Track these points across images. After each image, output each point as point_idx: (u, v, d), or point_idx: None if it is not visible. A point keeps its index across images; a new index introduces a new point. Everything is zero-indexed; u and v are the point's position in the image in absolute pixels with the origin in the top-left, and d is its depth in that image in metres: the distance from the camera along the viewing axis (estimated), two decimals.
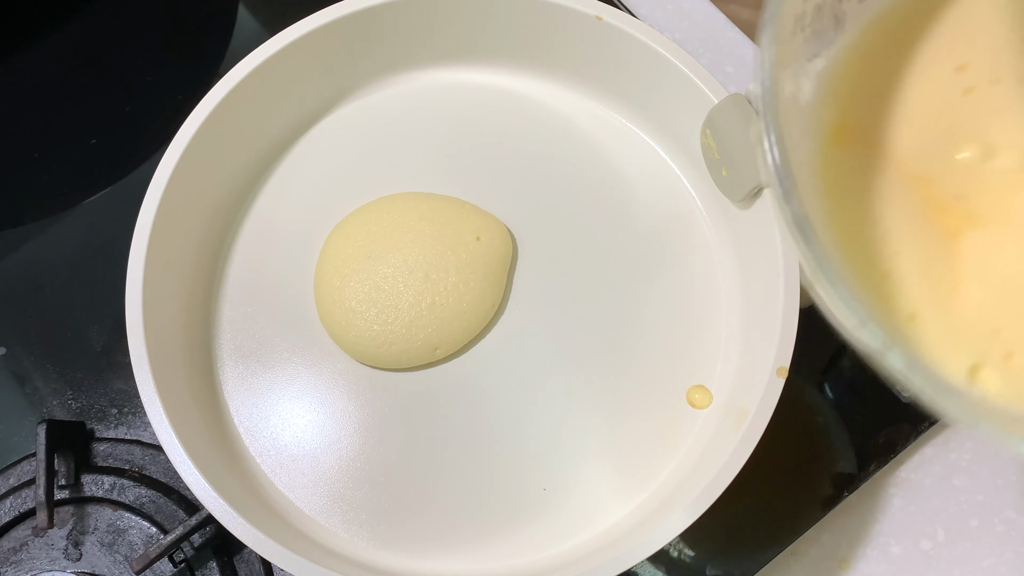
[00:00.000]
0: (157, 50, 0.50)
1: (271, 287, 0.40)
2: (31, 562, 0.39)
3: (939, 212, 0.24)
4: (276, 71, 0.40)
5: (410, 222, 0.39)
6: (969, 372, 0.23)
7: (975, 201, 0.24)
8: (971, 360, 0.23)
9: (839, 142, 0.24)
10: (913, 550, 0.40)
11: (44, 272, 0.45)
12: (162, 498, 0.39)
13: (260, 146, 0.42)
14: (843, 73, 0.24)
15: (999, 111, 0.25)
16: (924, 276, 0.24)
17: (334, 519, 0.37)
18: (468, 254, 0.39)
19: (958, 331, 0.23)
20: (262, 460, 0.38)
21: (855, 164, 0.24)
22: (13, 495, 0.40)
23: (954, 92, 0.25)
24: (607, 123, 0.43)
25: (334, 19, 0.39)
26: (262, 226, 0.42)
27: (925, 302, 0.23)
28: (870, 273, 0.23)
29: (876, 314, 0.23)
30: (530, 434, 0.38)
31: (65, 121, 0.49)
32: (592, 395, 0.38)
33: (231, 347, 0.40)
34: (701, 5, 0.50)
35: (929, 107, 0.25)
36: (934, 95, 0.25)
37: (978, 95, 0.25)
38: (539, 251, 0.41)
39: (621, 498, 0.37)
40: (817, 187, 0.24)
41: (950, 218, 0.24)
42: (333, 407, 0.39)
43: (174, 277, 0.38)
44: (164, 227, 0.37)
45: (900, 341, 0.23)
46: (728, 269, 0.40)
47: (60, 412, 0.42)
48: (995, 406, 0.22)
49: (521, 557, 0.36)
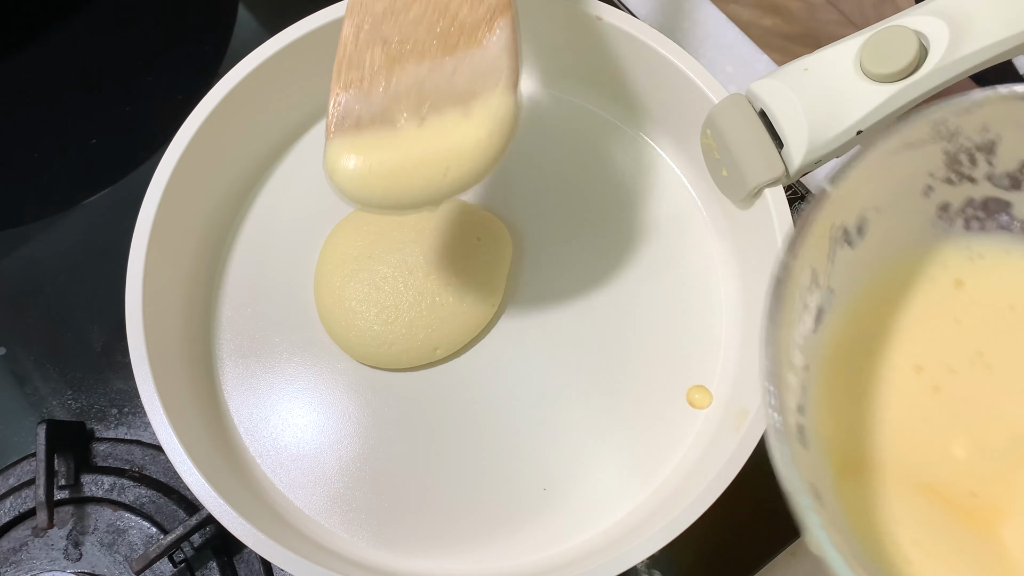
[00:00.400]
0: (157, 50, 0.50)
1: (271, 287, 0.40)
2: (31, 562, 0.39)
3: (964, 514, 0.24)
4: (276, 71, 0.40)
5: (410, 222, 0.39)
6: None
7: (991, 493, 0.24)
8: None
9: (847, 478, 0.25)
10: None
11: (44, 272, 0.45)
12: (162, 498, 0.39)
13: (260, 146, 0.42)
14: (822, 414, 0.25)
15: (968, 399, 0.25)
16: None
17: (334, 519, 0.37)
18: (468, 254, 0.39)
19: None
20: (262, 460, 0.38)
21: (868, 494, 0.25)
22: (13, 495, 0.40)
23: (924, 393, 0.25)
24: (607, 123, 0.43)
25: (334, 19, 0.39)
26: (262, 226, 0.42)
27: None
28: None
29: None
30: (530, 434, 0.38)
31: (65, 121, 0.49)
32: (592, 395, 0.38)
33: (231, 347, 0.40)
34: (701, 5, 0.50)
35: (910, 416, 0.25)
36: (909, 403, 0.25)
37: (945, 391, 0.25)
38: (539, 251, 0.41)
39: (621, 498, 0.37)
40: (843, 518, 0.24)
41: (978, 516, 0.24)
42: (333, 407, 0.39)
43: (174, 277, 0.38)
44: (164, 227, 0.37)
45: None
46: (728, 269, 0.40)
47: (60, 412, 0.42)
48: None
49: (521, 557, 0.36)
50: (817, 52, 0.33)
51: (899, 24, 0.31)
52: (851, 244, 0.25)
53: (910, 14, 0.31)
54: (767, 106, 0.32)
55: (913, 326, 0.26)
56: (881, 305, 0.26)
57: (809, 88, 0.32)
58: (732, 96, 0.34)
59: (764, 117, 0.33)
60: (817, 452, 0.24)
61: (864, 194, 0.24)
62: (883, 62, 0.30)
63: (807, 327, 0.24)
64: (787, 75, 0.32)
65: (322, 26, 0.39)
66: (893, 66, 0.30)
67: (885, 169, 0.24)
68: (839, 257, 0.25)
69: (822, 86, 0.32)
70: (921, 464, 0.25)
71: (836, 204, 0.23)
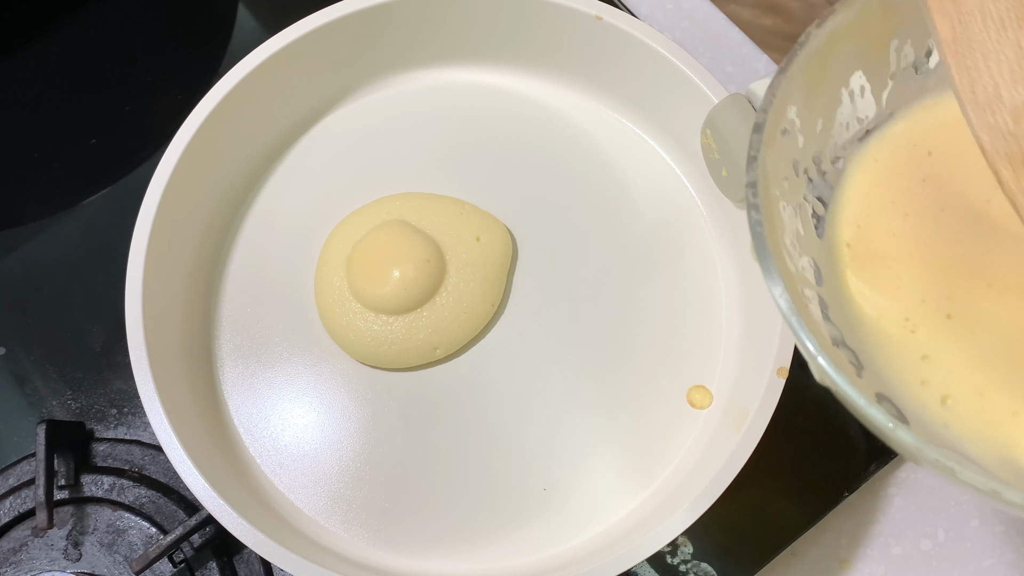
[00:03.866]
0: (157, 50, 0.50)
1: (271, 287, 0.40)
2: (31, 562, 0.39)
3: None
4: (276, 71, 0.40)
5: (410, 222, 0.39)
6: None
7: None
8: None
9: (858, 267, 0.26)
10: (913, 550, 0.40)
11: (44, 272, 0.45)
12: (162, 498, 0.39)
13: (260, 146, 0.42)
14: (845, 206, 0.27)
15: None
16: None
17: (334, 519, 0.37)
18: (468, 254, 0.39)
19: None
20: (262, 460, 0.38)
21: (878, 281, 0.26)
22: (13, 495, 0.40)
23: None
24: (607, 123, 0.43)
25: (334, 19, 0.39)
26: (262, 226, 0.42)
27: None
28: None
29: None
30: (530, 434, 0.38)
31: (65, 121, 0.49)
32: (592, 395, 0.38)
33: (231, 347, 0.40)
34: (701, 5, 0.50)
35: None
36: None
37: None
38: (539, 251, 0.41)
39: (621, 498, 0.37)
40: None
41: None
42: (333, 407, 0.39)
43: (174, 277, 0.38)
44: (164, 227, 0.37)
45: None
46: (728, 269, 0.40)
47: (60, 412, 0.42)
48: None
49: (521, 557, 0.36)
50: None
51: None
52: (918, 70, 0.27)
53: None
54: None
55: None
56: (938, 121, 0.27)
57: None
58: (732, 96, 0.34)
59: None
60: (832, 239, 0.26)
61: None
62: None
63: (852, 130, 0.26)
64: None
65: (322, 26, 0.39)
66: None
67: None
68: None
69: None
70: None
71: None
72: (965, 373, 0.25)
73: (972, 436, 0.24)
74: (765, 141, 0.24)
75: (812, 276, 0.25)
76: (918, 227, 0.26)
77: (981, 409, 0.24)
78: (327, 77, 0.42)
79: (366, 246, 0.38)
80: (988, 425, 0.24)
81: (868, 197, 0.27)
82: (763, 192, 0.24)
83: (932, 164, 0.27)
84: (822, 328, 0.24)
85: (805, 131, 0.26)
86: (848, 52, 0.26)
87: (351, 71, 0.43)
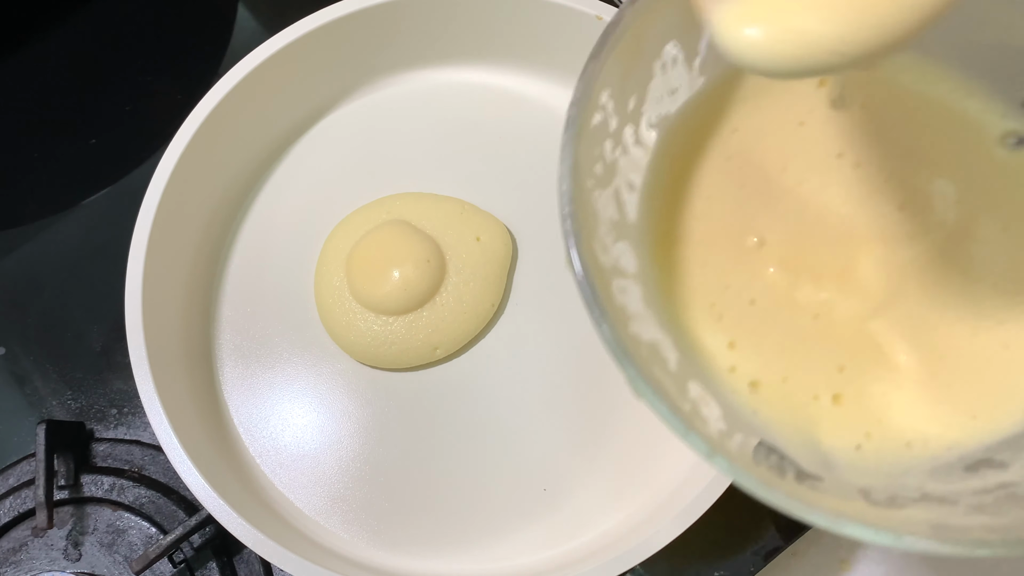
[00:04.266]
0: (157, 50, 0.50)
1: (271, 287, 0.40)
2: (31, 562, 0.39)
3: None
4: (276, 71, 0.40)
5: (410, 222, 0.39)
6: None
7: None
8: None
9: (665, 246, 0.26)
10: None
11: (44, 272, 0.45)
12: (162, 498, 0.39)
13: (260, 146, 0.42)
14: (655, 188, 0.26)
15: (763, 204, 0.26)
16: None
17: (334, 519, 0.37)
18: (468, 254, 0.39)
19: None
20: (262, 460, 0.38)
21: (679, 258, 0.26)
22: (12, 495, 0.40)
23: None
24: None
25: (334, 19, 0.39)
26: (262, 226, 0.42)
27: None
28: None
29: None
30: (530, 434, 0.38)
31: (65, 121, 0.49)
32: (593, 395, 0.38)
33: (231, 347, 0.40)
34: None
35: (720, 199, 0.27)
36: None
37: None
38: (539, 251, 0.41)
39: (622, 498, 0.37)
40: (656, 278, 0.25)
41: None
42: (333, 407, 0.38)
43: (174, 277, 0.38)
44: (164, 227, 0.37)
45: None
46: None
47: (59, 412, 0.42)
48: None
49: (521, 557, 0.36)
50: None
51: None
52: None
53: None
54: None
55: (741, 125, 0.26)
56: (748, 88, 0.26)
57: None
58: None
59: None
60: (644, 223, 0.25)
61: None
62: None
63: (664, 104, 0.25)
64: None
65: (322, 26, 0.39)
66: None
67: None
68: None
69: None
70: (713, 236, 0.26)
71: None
72: (770, 358, 0.25)
73: (779, 421, 0.24)
74: (578, 134, 0.23)
75: (628, 263, 0.25)
76: (720, 208, 0.26)
77: (785, 394, 0.24)
78: (327, 77, 0.42)
79: (366, 246, 0.38)
80: (792, 409, 0.24)
81: (674, 177, 0.26)
82: (577, 196, 0.23)
83: (737, 141, 0.26)
84: (634, 322, 0.24)
85: (619, 111, 0.24)
86: (664, 23, 0.24)
87: (351, 71, 0.43)
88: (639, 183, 0.26)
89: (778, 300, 0.25)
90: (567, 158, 0.22)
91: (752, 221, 0.26)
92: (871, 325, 0.25)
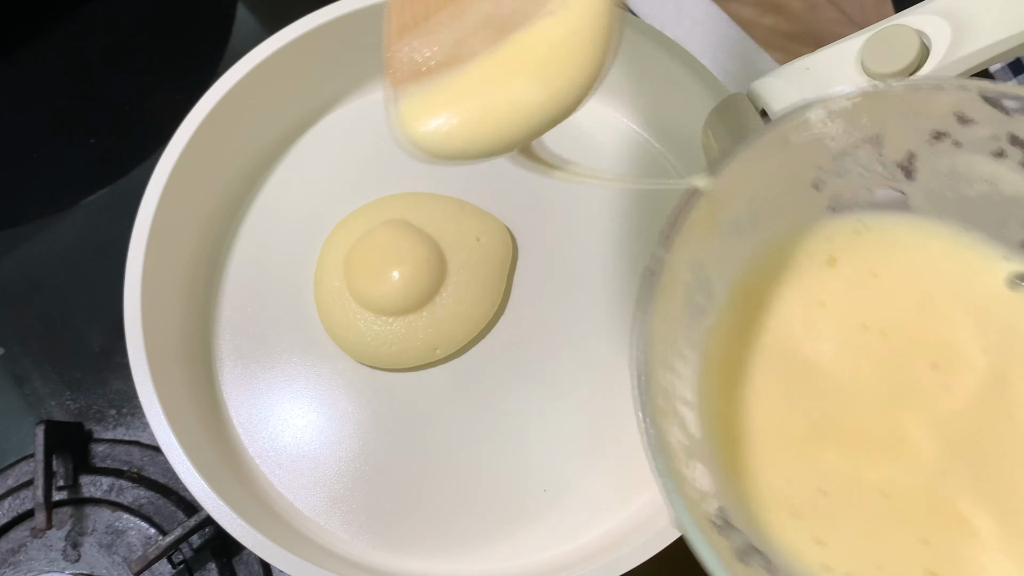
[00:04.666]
0: (157, 50, 0.50)
1: (271, 287, 0.40)
2: (30, 563, 0.39)
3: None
4: (275, 71, 0.40)
5: (410, 222, 0.39)
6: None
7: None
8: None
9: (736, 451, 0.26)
10: None
11: (43, 272, 0.45)
12: (161, 499, 0.39)
13: (260, 146, 0.42)
14: (713, 394, 0.26)
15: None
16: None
17: (334, 520, 0.37)
18: (468, 254, 0.39)
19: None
20: (261, 461, 0.38)
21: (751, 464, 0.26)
22: (11, 496, 0.40)
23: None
24: (607, 123, 0.43)
25: (333, 18, 0.39)
26: (262, 226, 0.42)
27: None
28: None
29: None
30: (531, 435, 0.38)
31: (65, 121, 0.49)
32: (593, 395, 0.38)
33: (231, 347, 0.39)
34: (702, 4, 0.50)
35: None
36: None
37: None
38: (539, 251, 0.41)
39: (622, 499, 0.37)
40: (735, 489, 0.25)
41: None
42: (333, 407, 0.38)
43: (173, 277, 0.38)
44: (163, 227, 0.37)
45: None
46: None
47: (59, 413, 0.42)
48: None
49: (521, 558, 0.36)
50: (819, 51, 0.32)
51: (900, 23, 0.30)
52: (742, 234, 0.26)
53: (912, 13, 0.31)
54: (768, 105, 0.32)
55: (785, 308, 0.27)
56: (767, 288, 0.27)
57: (811, 87, 0.32)
58: (733, 95, 0.34)
59: (765, 116, 0.33)
60: (711, 431, 0.25)
61: (747, 188, 0.25)
62: (884, 61, 0.30)
63: (695, 318, 0.26)
64: (789, 74, 0.32)
65: (321, 26, 0.39)
66: (895, 65, 0.30)
67: (766, 164, 0.25)
68: (733, 247, 0.26)
69: (824, 85, 0.31)
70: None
71: (714, 198, 0.24)
72: (860, 548, 0.24)
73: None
74: (650, 397, 0.23)
75: (705, 483, 0.25)
76: (769, 405, 0.26)
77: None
78: (327, 76, 0.42)
79: (366, 246, 0.38)
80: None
81: (721, 386, 0.26)
82: (662, 449, 0.23)
83: (769, 338, 0.27)
84: (726, 540, 0.23)
85: (665, 341, 0.25)
86: (688, 255, 0.25)
87: (351, 70, 0.42)
88: (692, 398, 0.26)
89: (847, 485, 0.25)
90: (652, 435, 0.23)
91: (801, 410, 0.26)
92: (940, 490, 0.24)
